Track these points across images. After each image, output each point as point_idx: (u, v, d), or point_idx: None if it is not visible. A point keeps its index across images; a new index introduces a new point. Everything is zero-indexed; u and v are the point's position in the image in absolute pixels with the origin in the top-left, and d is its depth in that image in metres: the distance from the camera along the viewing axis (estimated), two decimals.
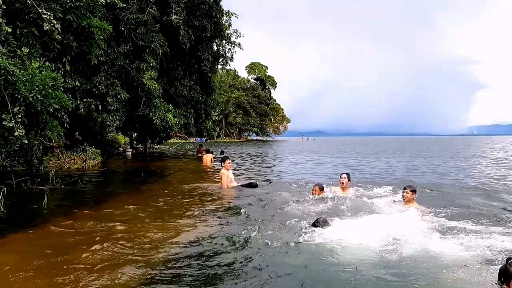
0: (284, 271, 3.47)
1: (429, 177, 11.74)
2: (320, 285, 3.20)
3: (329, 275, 3.37)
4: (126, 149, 24.47)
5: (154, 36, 15.77)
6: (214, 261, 3.76)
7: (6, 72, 6.00)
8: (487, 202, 7.14)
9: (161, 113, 16.07)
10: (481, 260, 3.69)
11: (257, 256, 3.88)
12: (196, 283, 3.25)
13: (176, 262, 3.74)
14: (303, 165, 17.17)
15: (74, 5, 9.20)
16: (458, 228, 4.84)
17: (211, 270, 3.52)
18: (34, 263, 3.71)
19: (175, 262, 3.74)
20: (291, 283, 3.26)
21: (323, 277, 3.33)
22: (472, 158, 21.66)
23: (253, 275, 3.40)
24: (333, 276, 3.35)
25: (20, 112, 6.33)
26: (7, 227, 5.21)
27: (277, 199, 6.99)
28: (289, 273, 3.42)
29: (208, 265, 3.65)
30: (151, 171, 13.83)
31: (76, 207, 6.61)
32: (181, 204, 6.92)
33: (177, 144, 36.63)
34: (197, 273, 3.45)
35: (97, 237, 4.59)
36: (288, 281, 3.29)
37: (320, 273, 3.41)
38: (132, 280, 3.27)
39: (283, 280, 3.30)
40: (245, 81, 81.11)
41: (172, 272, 3.47)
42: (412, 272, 3.41)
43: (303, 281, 3.23)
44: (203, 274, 3.43)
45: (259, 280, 3.28)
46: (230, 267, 3.59)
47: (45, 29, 8.00)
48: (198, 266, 3.62)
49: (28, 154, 8.65)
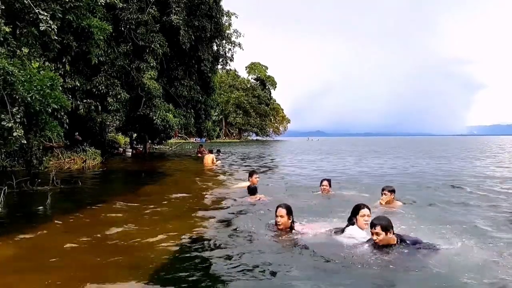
0: (285, 271, 3.44)
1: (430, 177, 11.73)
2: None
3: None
4: (126, 149, 24.46)
5: (154, 36, 15.78)
6: (214, 261, 3.74)
7: (5, 73, 5.99)
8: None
9: (161, 113, 16.07)
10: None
11: (257, 256, 3.85)
12: (196, 284, 3.23)
13: (175, 263, 3.73)
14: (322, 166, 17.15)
15: (74, 5, 9.19)
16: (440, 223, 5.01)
17: (210, 271, 3.50)
18: (34, 263, 3.69)
19: (174, 263, 3.72)
20: (291, 284, 3.24)
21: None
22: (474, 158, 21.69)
23: (252, 276, 3.38)
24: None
25: (19, 112, 6.31)
26: (7, 227, 5.19)
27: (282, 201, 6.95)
28: (290, 273, 3.40)
29: (207, 266, 3.63)
30: (151, 171, 13.81)
31: (76, 207, 6.58)
32: (181, 205, 6.90)
33: (177, 144, 36.64)
34: (196, 274, 3.43)
35: (97, 237, 4.57)
36: (288, 281, 3.27)
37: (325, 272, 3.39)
38: (131, 280, 3.25)
39: (283, 280, 3.28)
40: (245, 81, 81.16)
41: (172, 272, 3.45)
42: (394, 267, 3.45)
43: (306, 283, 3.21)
44: (203, 275, 3.41)
45: (259, 281, 3.26)
46: (229, 267, 3.56)
47: (41, 29, 7.99)
48: (197, 267, 3.60)
49: (27, 155, 8.64)
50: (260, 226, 4.90)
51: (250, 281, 3.28)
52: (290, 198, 7.21)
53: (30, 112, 6.62)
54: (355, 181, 10.66)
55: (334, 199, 7.30)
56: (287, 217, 4.54)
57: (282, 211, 4.57)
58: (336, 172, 13.51)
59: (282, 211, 4.57)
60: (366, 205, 4.51)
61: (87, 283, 3.18)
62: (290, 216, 4.58)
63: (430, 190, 8.62)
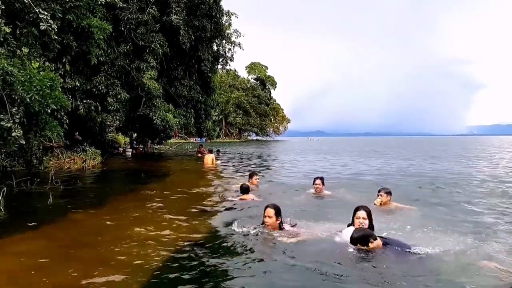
0: (284, 272, 3.45)
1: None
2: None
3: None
4: (126, 149, 24.46)
5: (154, 36, 15.77)
6: (213, 262, 3.74)
7: (4, 73, 5.98)
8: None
9: (161, 113, 16.06)
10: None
11: (255, 258, 3.85)
12: (195, 284, 3.23)
13: (174, 262, 3.73)
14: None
15: (74, 5, 9.19)
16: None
17: (210, 272, 3.50)
18: (34, 263, 3.69)
19: (174, 263, 3.72)
20: (292, 284, 3.24)
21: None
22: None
23: (251, 274, 3.39)
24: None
25: (19, 112, 6.31)
26: (7, 227, 5.19)
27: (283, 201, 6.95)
28: (289, 273, 3.40)
29: (207, 267, 3.63)
30: (152, 171, 13.81)
31: (76, 207, 6.58)
32: (181, 205, 6.89)
33: (177, 144, 36.65)
34: (196, 274, 3.43)
35: (97, 237, 4.58)
36: (288, 282, 3.27)
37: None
38: (131, 280, 3.25)
39: (283, 280, 3.29)
40: (245, 81, 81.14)
41: (171, 273, 3.45)
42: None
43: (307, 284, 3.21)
44: (202, 276, 3.41)
45: (258, 281, 3.27)
46: (229, 269, 3.56)
47: (41, 29, 7.99)
48: (197, 268, 3.60)
49: (27, 154, 8.64)
50: (251, 227, 4.86)
51: (245, 278, 3.29)
52: (283, 197, 7.23)
53: (29, 112, 6.62)
54: (351, 181, 10.67)
55: (327, 198, 7.29)
56: (275, 217, 4.52)
57: (270, 211, 4.54)
58: (333, 171, 13.51)
59: (270, 211, 4.54)
60: (364, 207, 4.43)
61: (87, 283, 3.19)
62: (279, 216, 4.55)
63: (427, 192, 8.54)
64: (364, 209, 4.39)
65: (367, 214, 4.33)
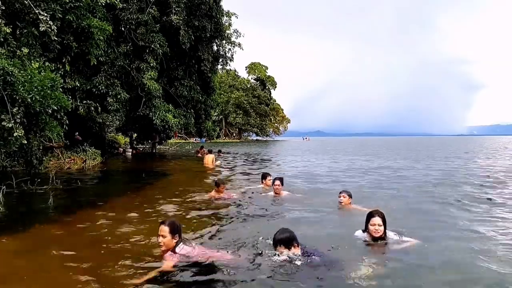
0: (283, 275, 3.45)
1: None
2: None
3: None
4: (126, 149, 24.47)
5: (154, 36, 15.77)
6: (212, 263, 3.74)
7: (5, 73, 5.99)
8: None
9: (161, 113, 16.06)
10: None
11: (254, 259, 3.85)
12: (195, 283, 3.23)
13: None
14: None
15: (74, 5, 9.20)
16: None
17: (209, 272, 3.51)
18: (34, 263, 3.70)
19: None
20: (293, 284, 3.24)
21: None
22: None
23: (251, 277, 3.39)
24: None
25: (20, 112, 6.32)
26: (7, 227, 5.19)
27: (282, 205, 6.95)
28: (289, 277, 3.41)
29: (206, 267, 3.63)
30: (152, 171, 13.81)
31: (76, 207, 6.59)
32: (181, 206, 6.89)
33: (177, 144, 36.67)
34: (195, 275, 3.43)
35: (97, 237, 4.59)
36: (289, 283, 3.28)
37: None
38: (131, 280, 3.26)
39: (283, 281, 3.29)
40: (245, 81, 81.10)
41: (171, 273, 3.45)
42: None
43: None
44: (201, 276, 3.42)
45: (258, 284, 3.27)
46: (228, 269, 3.57)
47: (41, 29, 8.00)
48: (196, 268, 3.60)
49: (27, 155, 8.64)
50: (259, 228, 4.84)
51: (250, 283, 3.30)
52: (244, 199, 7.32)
53: (30, 112, 6.63)
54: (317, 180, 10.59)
55: (284, 200, 7.13)
56: (171, 236, 3.63)
57: (164, 229, 3.64)
58: (306, 172, 13.39)
59: (164, 229, 3.64)
60: (378, 213, 4.07)
61: (87, 282, 3.19)
62: (176, 235, 3.66)
63: (387, 195, 8.04)
64: (379, 215, 4.06)
65: (382, 221, 4.04)
